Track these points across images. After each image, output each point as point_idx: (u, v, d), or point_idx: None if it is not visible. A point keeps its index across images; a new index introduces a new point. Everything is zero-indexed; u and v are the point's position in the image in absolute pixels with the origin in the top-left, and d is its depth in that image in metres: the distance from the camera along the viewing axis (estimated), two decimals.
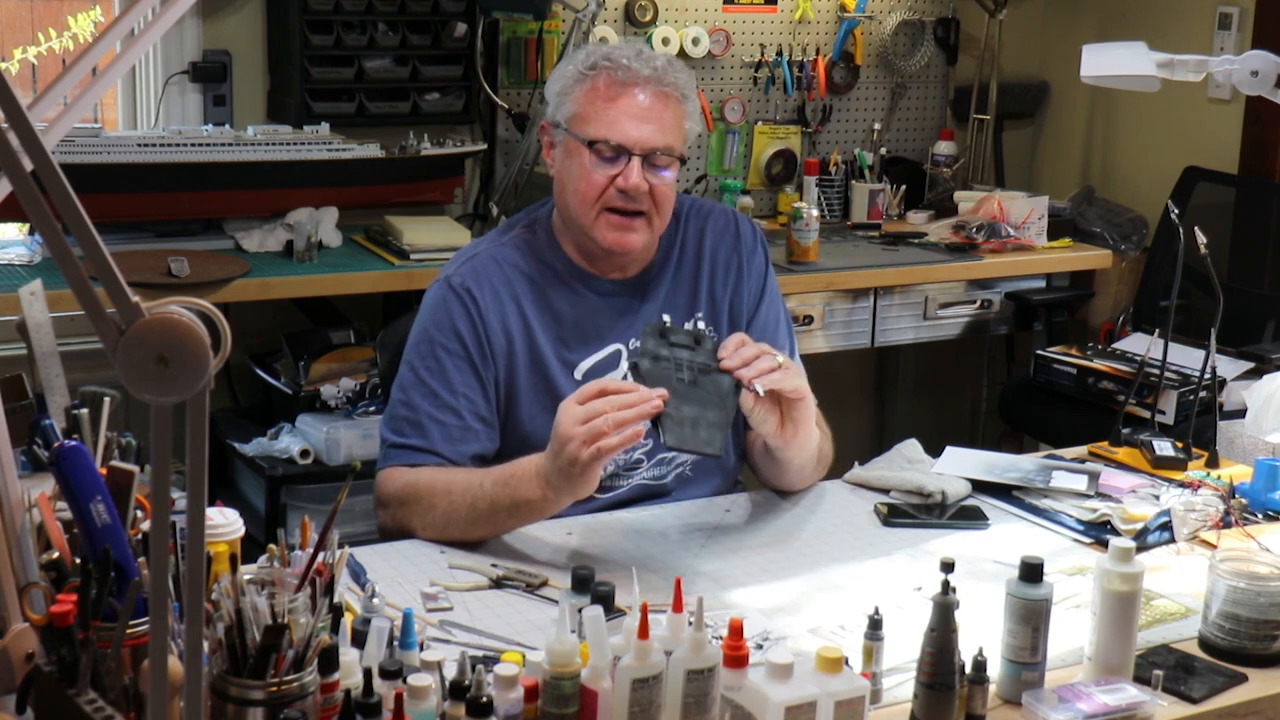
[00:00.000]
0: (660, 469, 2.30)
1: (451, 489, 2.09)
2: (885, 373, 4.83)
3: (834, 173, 4.41)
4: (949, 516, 2.26)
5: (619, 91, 2.19)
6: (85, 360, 2.23)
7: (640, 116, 2.18)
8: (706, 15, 4.30)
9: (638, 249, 2.25)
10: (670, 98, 2.21)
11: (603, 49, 2.24)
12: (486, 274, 2.24)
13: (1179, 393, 3.45)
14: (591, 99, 2.20)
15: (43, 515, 1.49)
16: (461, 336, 2.20)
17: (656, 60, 2.22)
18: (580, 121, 2.20)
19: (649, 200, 2.20)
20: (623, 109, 2.18)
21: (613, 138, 2.17)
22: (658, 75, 2.20)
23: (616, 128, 2.18)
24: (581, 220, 2.22)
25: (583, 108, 2.20)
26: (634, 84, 2.19)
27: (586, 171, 2.19)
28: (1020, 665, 1.68)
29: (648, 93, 2.19)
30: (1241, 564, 1.86)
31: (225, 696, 1.42)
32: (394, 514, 2.14)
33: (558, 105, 2.25)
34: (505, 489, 2.05)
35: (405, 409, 2.20)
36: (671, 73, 2.22)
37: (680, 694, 1.50)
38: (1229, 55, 2.51)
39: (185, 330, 1.11)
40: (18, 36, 3.85)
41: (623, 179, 2.18)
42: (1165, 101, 4.06)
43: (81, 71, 1.30)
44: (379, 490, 2.18)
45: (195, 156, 3.46)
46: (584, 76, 2.21)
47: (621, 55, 2.21)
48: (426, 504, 2.10)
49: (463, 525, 2.08)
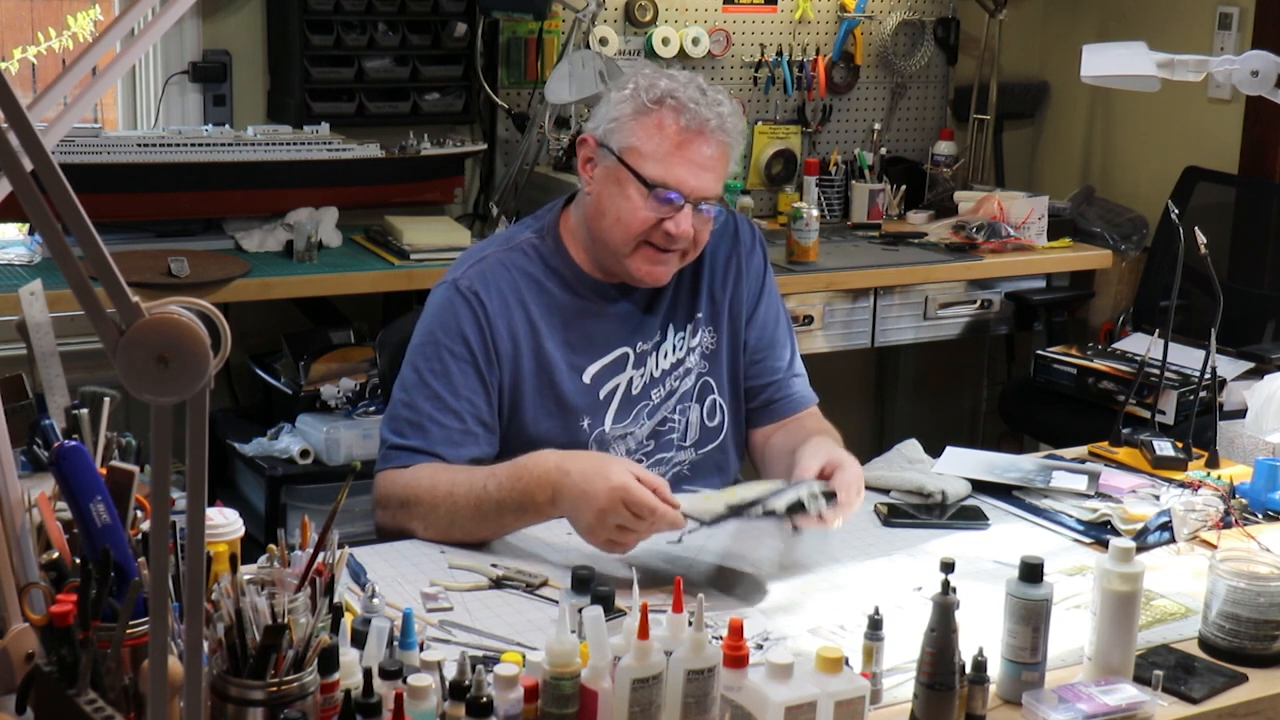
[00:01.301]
0: (659, 469, 2.29)
1: (454, 490, 2.08)
2: (885, 373, 4.83)
3: (834, 173, 4.41)
4: (949, 516, 2.26)
5: (686, 139, 2.16)
6: (85, 360, 2.23)
7: (701, 165, 2.17)
8: (706, 15, 4.30)
9: (667, 281, 2.26)
10: (728, 148, 2.20)
11: (664, 82, 2.18)
12: (494, 278, 2.23)
13: (1179, 393, 3.45)
14: (655, 139, 2.16)
15: (43, 515, 1.49)
16: (467, 340, 2.19)
17: (721, 105, 2.19)
18: (638, 156, 2.17)
19: (690, 241, 2.21)
20: (686, 157, 2.16)
21: (672, 183, 2.15)
22: (722, 124, 2.18)
23: (676, 174, 2.15)
24: (618, 249, 2.20)
25: (643, 144, 2.17)
26: (701, 133, 2.16)
27: (636, 208, 2.17)
28: (1020, 665, 1.68)
29: (712, 144, 2.17)
30: (1241, 564, 1.86)
31: (225, 696, 1.42)
32: (394, 515, 2.14)
33: (610, 130, 2.20)
34: (514, 489, 2.04)
35: (407, 410, 2.19)
36: (732, 119, 2.20)
37: (680, 694, 1.50)
38: (1229, 55, 2.51)
39: (185, 330, 1.11)
40: (18, 36, 3.85)
41: (673, 224, 2.17)
42: (1165, 101, 4.06)
43: (81, 71, 1.30)
44: (378, 491, 2.18)
45: (195, 156, 3.46)
46: (647, 109, 2.17)
47: (687, 96, 2.17)
48: (429, 505, 2.10)
49: (467, 526, 2.08)
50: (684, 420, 2.32)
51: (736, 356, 2.37)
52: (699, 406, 2.33)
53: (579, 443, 2.21)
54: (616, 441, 2.26)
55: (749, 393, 2.39)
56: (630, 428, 2.27)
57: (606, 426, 2.25)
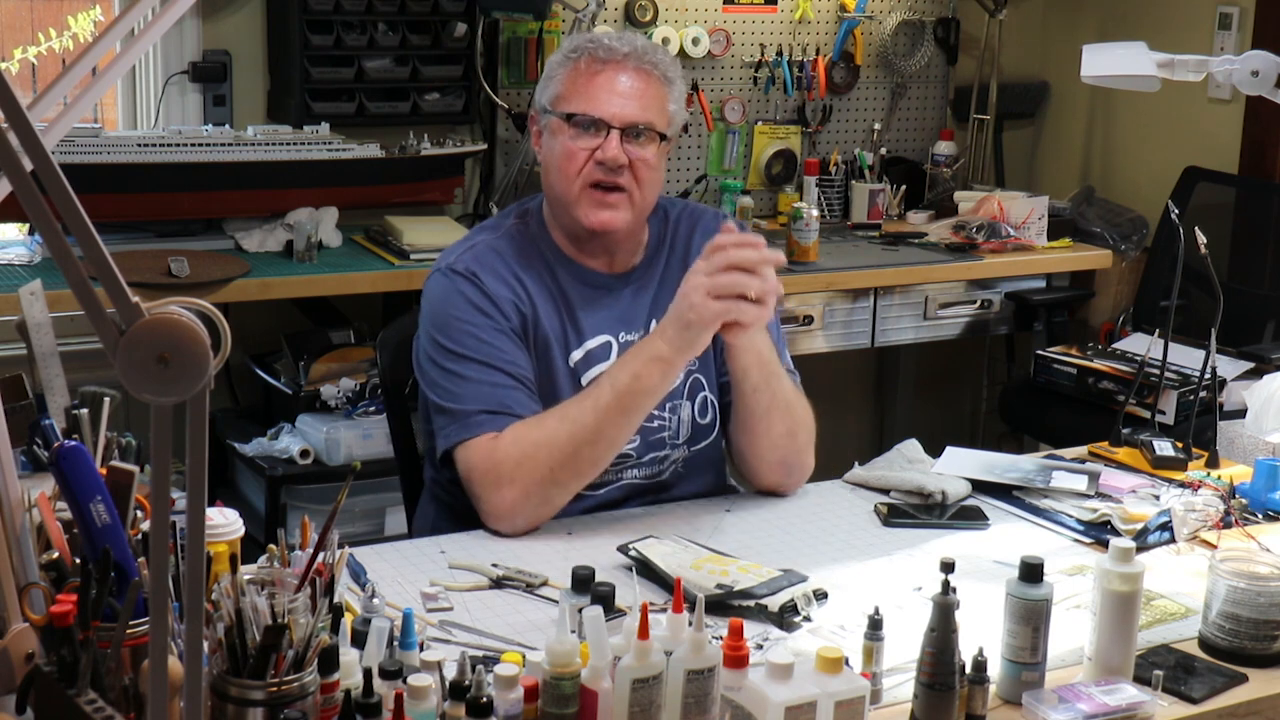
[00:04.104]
0: (653, 467, 2.30)
1: (562, 413, 2.11)
2: (885, 373, 4.83)
3: (834, 173, 4.41)
4: (949, 516, 2.26)
5: (599, 68, 2.23)
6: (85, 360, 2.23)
7: (620, 93, 2.22)
8: (706, 15, 4.30)
9: (620, 227, 2.25)
10: (651, 76, 2.24)
11: (587, 34, 2.29)
12: (488, 260, 2.24)
13: (1179, 393, 3.45)
14: (573, 78, 2.23)
15: (43, 515, 1.49)
16: (484, 310, 2.19)
17: (638, 41, 2.26)
18: (561, 101, 2.24)
19: (629, 176, 2.22)
20: (602, 84, 2.22)
21: (591, 111, 2.21)
22: (638, 54, 2.24)
23: (595, 101, 2.21)
24: (565, 197, 2.23)
25: (564, 87, 2.24)
26: (614, 61, 2.23)
27: (567, 146, 2.22)
28: (1020, 665, 1.68)
29: (628, 70, 2.23)
30: (1241, 564, 1.86)
31: (225, 696, 1.42)
32: (511, 476, 2.10)
33: (542, 90, 2.28)
34: (621, 369, 2.10)
35: (454, 397, 2.16)
36: (652, 53, 2.26)
37: (680, 694, 1.50)
38: (1229, 55, 2.51)
39: (185, 330, 1.11)
40: (18, 36, 3.86)
41: (601, 151, 2.20)
42: (1165, 101, 4.05)
43: (81, 71, 1.30)
44: (480, 461, 2.12)
45: (195, 156, 3.46)
46: (567, 59, 2.25)
47: (604, 37, 2.26)
48: (549, 437, 2.09)
49: (591, 433, 2.08)
50: (675, 418, 2.31)
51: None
52: (690, 404, 2.33)
53: None
54: None
55: (724, 389, 2.35)
56: None
57: None
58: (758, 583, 1.88)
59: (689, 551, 2.00)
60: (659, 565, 1.94)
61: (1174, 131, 4.41)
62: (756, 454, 2.31)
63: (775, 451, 2.30)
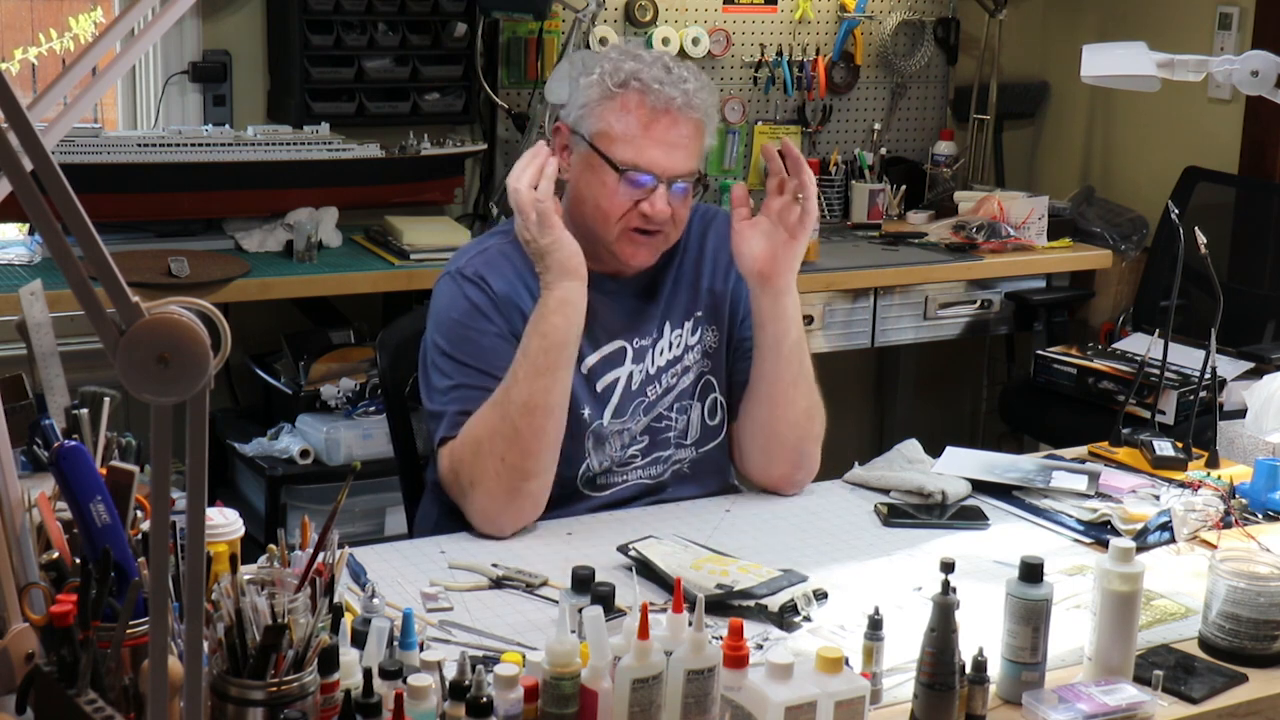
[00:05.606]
0: (657, 467, 2.30)
1: (492, 399, 2.12)
2: (885, 373, 4.83)
3: (834, 173, 4.41)
4: (949, 516, 2.26)
5: (651, 118, 2.17)
6: (85, 360, 2.23)
7: (671, 144, 2.18)
8: (706, 15, 4.29)
9: (652, 263, 2.27)
10: (699, 123, 2.21)
11: (629, 64, 2.19)
12: (498, 266, 2.24)
13: (1179, 393, 3.45)
14: (621, 121, 2.17)
15: (43, 515, 1.49)
16: (487, 315, 2.20)
17: (687, 83, 2.19)
18: (607, 140, 2.18)
19: (669, 221, 2.21)
20: (655, 138, 2.17)
21: (645, 166, 2.17)
22: (689, 100, 2.18)
23: (647, 156, 2.17)
24: (601, 235, 2.22)
25: (611, 127, 2.18)
26: (666, 111, 2.17)
27: (611, 193, 2.18)
28: (1020, 665, 1.68)
29: (680, 121, 2.18)
30: (1241, 564, 1.86)
31: (225, 696, 1.42)
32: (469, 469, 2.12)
33: (580, 116, 2.21)
34: (530, 333, 2.12)
35: (439, 399, 2.18)
36: (700, 95, 2.20)
37: (680, 694, 1.50)
38: (1229, 55, 2.51)
39: (185, 330, 1.11)
40: (18, 36, 3.86)
41: (649, 205, 2.18)
42: (1165, 101, 4.05)
43: (81, 71, 1.30)
44: (443, 468, 2.16)
45: (195, 156, 3.46)
46: (611, 91, 2.18)
47: (651, 76, 2.18)
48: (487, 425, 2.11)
49: (522, 405, 2.09)
50: (685, 419, 2.31)
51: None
52: (700, 405, 2.33)
53: (577, 432, 2.21)
54: (613, 436, 2.26)
55: (734, 388, 2.35)
56: (627, 423, 2.27)
57: (605, 419, 2.25)
58: (758, 583, 1.89)
59: (689, 551, 2.00)
60: (659, 565, 1.94)
61: (1174, 131, 4.41)
62: (774, 432, 2.30)
63: (794, 431, 2.29)
